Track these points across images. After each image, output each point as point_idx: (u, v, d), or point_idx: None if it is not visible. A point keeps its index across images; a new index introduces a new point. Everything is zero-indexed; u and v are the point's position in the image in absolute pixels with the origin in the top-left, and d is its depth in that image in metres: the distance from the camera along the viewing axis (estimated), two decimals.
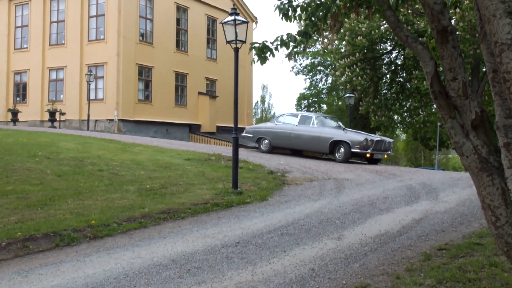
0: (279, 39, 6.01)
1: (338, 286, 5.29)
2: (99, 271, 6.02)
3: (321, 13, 5.57)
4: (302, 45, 6.09)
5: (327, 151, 18.73)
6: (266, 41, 5.99)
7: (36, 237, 7.25)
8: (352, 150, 17.84)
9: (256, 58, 6.03)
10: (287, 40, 5.94)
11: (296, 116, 20.54)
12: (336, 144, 18.33)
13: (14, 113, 30.84)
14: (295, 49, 6.22)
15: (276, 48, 6.00)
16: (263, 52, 5.91)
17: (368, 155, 18.08)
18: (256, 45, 5.88)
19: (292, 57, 6.28)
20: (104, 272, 5.98)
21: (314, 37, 6.46)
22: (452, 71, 4.22)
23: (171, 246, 7.06)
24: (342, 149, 18.14)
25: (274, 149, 20.73)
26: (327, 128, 19.12)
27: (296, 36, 6.01)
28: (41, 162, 13.16)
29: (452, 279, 5.20)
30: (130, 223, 8.28)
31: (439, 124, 32.63)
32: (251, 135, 21.23)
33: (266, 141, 20.57)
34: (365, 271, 5.74)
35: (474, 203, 9.44)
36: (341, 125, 20.20)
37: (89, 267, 6.19)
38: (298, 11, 5.89)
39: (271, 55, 6.03)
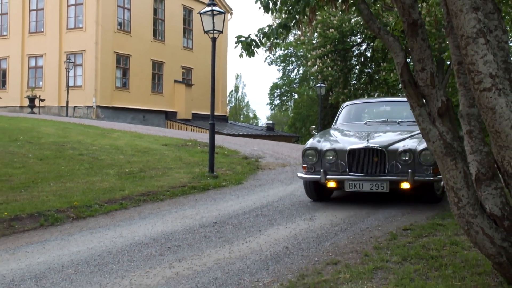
0: (261, 32, 6.16)
1: (311, 262, 5.53)
2: (83, 249, 6.21)
3: (299, 8, 5.77)
4: (282, 37, 6.25)
5: None
6: (251, 35, 6.11)
7: (21, 217, 7.43)
8: None
9: (244, 52, 6.08)
10: (269, 33, 6.10)
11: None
12: None
13: None
14: (275, 41, 6.39)
15: (261, 42, 6.10)
16: (249, 46, 6.02)
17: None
18: (242, 39, 5.99)
19: (273, 50, 6.52)
20: (88, 250, 6.17)
21: (293, 30, 6.55)
22: (421, 62, 4.38)
23: (151, 226, 7.30)
24: None
25: None
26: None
27: (279, 29, 6.16)
28: (22, 147, 13.27)
29: (416, 256, 5.46)
30: (111, 205, 8.51)
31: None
32: None
33: None
34: (335, 249, 6.00)
35: None
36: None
37: (73, 245, 6.38)
38: (278, 4, 6.06)
39: (257, 48, 6.13)
